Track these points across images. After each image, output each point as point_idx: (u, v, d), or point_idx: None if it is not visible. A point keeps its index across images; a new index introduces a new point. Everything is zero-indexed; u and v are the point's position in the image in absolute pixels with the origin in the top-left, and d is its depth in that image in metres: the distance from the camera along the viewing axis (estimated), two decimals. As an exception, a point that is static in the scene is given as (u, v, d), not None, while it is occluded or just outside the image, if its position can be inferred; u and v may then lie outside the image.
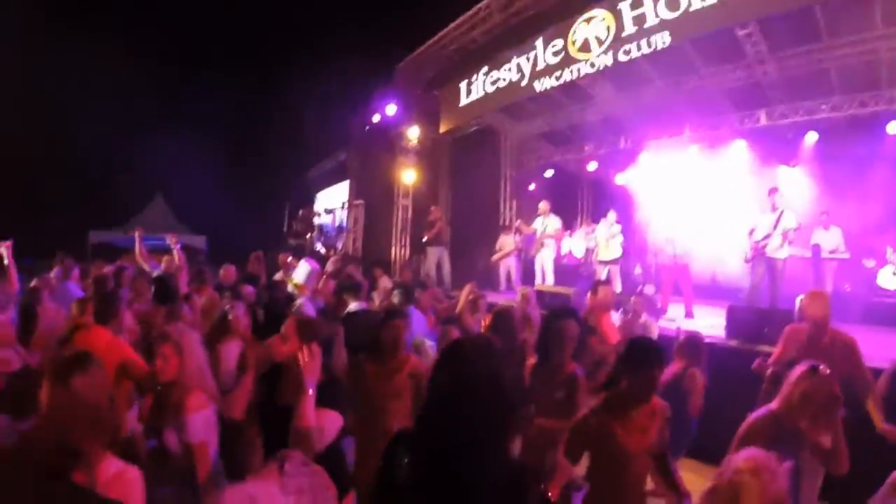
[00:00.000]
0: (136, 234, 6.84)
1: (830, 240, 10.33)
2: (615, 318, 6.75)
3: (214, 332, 4.75)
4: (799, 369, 3.35)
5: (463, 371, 2.24)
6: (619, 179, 12.76)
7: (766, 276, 8.63)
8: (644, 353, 3.29)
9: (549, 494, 2.30)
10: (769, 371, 4.85)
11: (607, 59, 9.76)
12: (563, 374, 4.16)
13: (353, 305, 6.17)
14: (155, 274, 7.18)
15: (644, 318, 7.10)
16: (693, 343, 5.25)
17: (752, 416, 3.41)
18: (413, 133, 16.01)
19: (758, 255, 8.68)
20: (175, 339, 3.18)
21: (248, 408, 3.81)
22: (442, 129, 15.10)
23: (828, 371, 3.29)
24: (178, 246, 7.19)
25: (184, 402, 3.00)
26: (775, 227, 8.48)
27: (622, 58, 9.52)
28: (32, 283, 6.11)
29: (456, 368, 2.27)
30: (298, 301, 6.25)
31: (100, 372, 2.17)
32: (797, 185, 11.72)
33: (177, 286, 6.30)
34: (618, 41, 9.54)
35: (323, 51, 20.00)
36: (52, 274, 7.30)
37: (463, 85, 13.38)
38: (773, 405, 3.39)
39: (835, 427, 3.18)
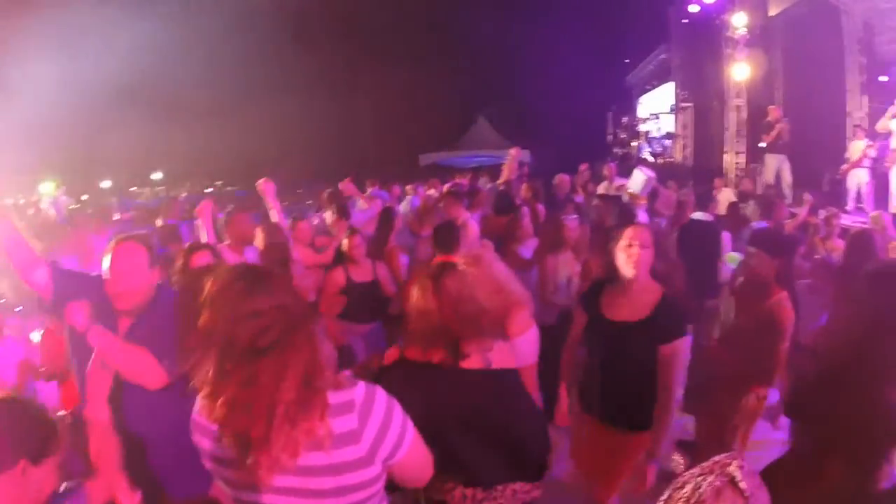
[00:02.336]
0: (512, 153, 7.59)
1: None
2: None
3: (545, 244, 5.29)
4: None
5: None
6: None
7: None
8: None
9: None
10: None
11: None
12: None
13: (697, 214, 6.38)
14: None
15: None
16: None
17: None
18: (739, 20, 14.46)
19: None
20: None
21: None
22: (772, 12, 13.50)
23: None
24: (519, 159, 7.89)
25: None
26: None
27: None
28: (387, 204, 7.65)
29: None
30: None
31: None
32: None
33: (513, 198, 7.11)
34: None
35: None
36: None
37: (791, -48, 11.68)
38: None
39: None
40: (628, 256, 3.07)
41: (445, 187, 9.61)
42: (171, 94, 19.15)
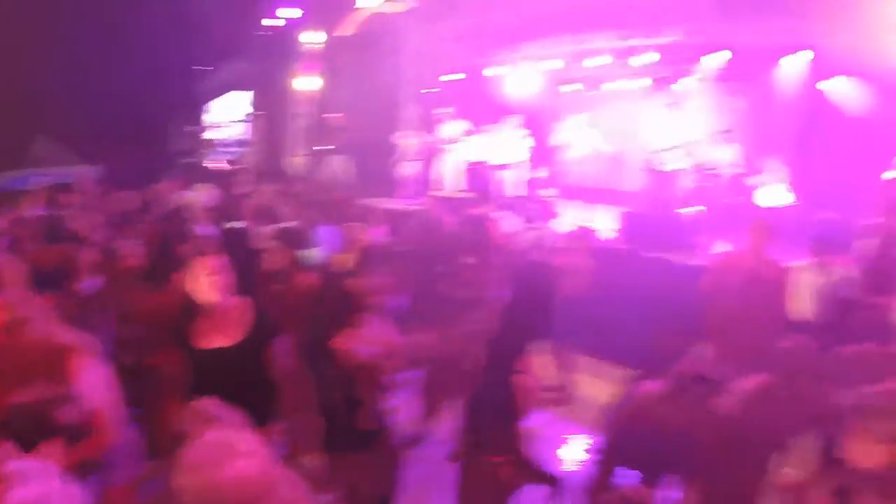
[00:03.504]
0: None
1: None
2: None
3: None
4: None
5: None
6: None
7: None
8: None
9: None
10: None
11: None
12: None
13: (233, 223, 6.94)
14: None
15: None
16: None
17: None
18: (310, 37, 16.68)
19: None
20: None
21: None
22: (340, 32, 15.83)
23: None
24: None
25: None
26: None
27: None
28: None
29: None
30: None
31: None
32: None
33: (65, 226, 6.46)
34: None
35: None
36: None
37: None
38: None
39: None
40: (211, 285, 3.15)
41: None
42: None
